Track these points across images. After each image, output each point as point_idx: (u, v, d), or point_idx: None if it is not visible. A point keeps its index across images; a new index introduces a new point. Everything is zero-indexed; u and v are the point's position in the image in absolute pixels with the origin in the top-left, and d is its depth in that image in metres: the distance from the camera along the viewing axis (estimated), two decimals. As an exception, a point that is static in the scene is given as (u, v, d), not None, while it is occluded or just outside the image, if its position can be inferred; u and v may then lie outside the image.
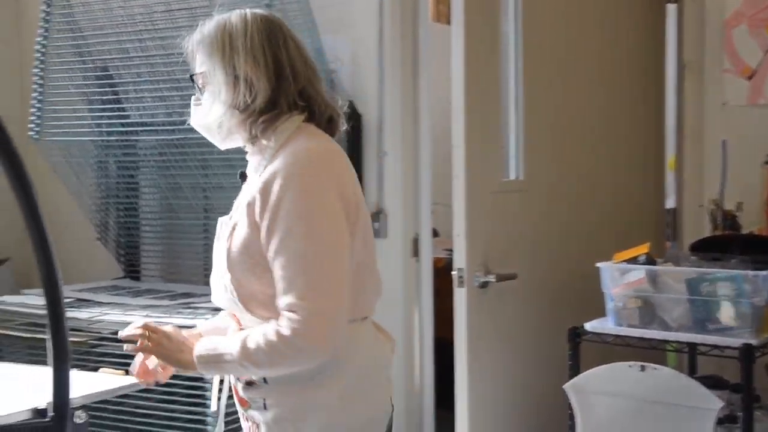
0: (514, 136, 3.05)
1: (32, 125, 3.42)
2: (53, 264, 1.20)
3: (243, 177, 1.79)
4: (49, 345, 1.21)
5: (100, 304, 3.17)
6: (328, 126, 1.75)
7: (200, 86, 1.72)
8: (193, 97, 1.76)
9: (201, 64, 1.71)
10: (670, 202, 3.71)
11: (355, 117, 3.51)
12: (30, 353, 3.17)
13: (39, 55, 3.40)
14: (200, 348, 1.66)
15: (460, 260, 2.72)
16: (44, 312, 2.90)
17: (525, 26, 3.02)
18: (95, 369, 2.25)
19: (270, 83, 1.67)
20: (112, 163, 3.51)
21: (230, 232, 1.70)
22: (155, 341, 1.71)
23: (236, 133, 1.72)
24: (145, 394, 2.75)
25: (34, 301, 3.20)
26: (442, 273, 4.13)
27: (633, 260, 2.70)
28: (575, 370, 2.74)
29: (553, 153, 3.23)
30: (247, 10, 1.72)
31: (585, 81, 3.41)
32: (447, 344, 3.58)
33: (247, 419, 1.75)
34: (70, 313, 2.92)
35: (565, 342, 2.79)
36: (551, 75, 3.20)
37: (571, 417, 2.69)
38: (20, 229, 2.19)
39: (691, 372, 3.20)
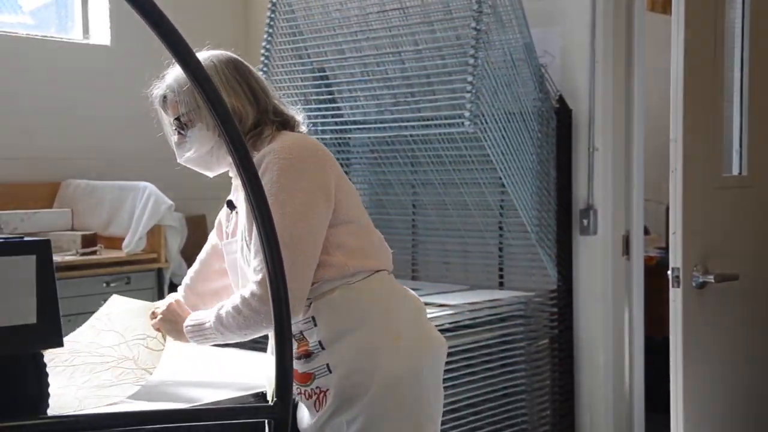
0: (737, 130, 2.88)
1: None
2: (278, 256, 1.28)
3: (230, 205, 1.98)
4: (273, 333, 1.29)
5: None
6: (295, 127, 1.96)
7: (185, 125, 1.90)
8: (174, 139, 1.94)
9: (183, 106, 1.89)
10: None
11: (564, 112, 3.45)
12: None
13: (263, 58, 3.60)
14: (187, 320, 1.89)
15: (676, 259, 2.61)
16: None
17: (753, 12, 2.84)
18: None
19: (252, 107, 1.90)
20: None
21: (247, 231, 1.84)
22: (162, 318, 1.94)
23: (227, 157, 1.89)
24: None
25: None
26: (653, 272, 3.99)
27: None
28: (804, 380, 2.56)
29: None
30: (208, 53, 1.94)
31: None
32: (657, 344, 3.46)
33: (309, 395, 1.84)
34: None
35: (793, 349, 2.60)
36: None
37: (799, 430, 2.51)
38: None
39: None
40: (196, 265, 2.13)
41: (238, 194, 1.98)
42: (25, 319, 1.20)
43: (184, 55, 1.10)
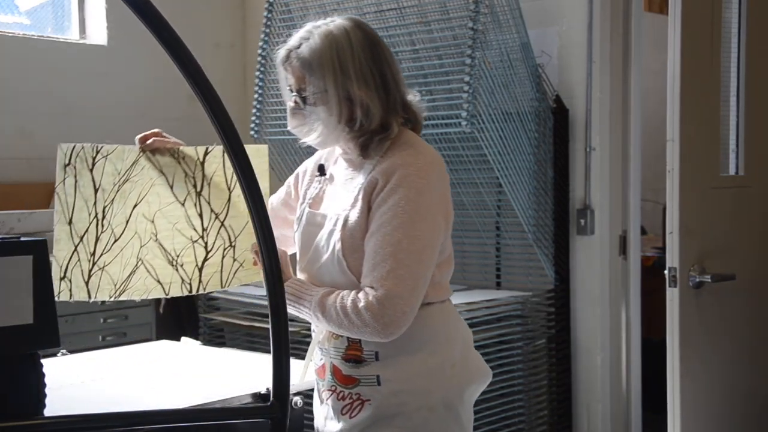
0: (734, 130, 2.88)
1: (253, 124, 3.63)
2: (275, 257, 1.28)
3: (321, 170, 1.92)
4: (270, 334, 1.29)
5: (312, 295, 3.31)
6: (416, 127, 1.88)
7: (305, 100, 1.79)
8: (290, 104, 1.83)
9: (312, 86, 1.78)
10: None
11: (561, 112, 3.45)
12: (248, 340, 3.37)
13: (260, 58, 3.60)
14: (290, 282, 1.81)
15: (673, 259, 2.61)
16: (262, 302, 3.04)
17: (750, 12, 2.84)
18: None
19: (382, 103, 1.78)
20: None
21: (343, 220, 1.79)
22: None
23: (340, 143, 1.84)
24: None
25: (253, 291, 3.39)
26: (651, 272, 3.99)
27: None
28: (801, 380, 2.56)
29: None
30: (344, 23, 1.80)
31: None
32: (653, 345, 3.46)
33: (343, 397, 1.81)
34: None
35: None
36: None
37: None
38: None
39: None
40: (268, 204, 2.04)
41: (335, 165, 1.91)
42: (22, 319, 1.20)
43: (181, 54, 1.10)
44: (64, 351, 2.23)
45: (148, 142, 1.84)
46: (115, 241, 1.79)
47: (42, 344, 1.25)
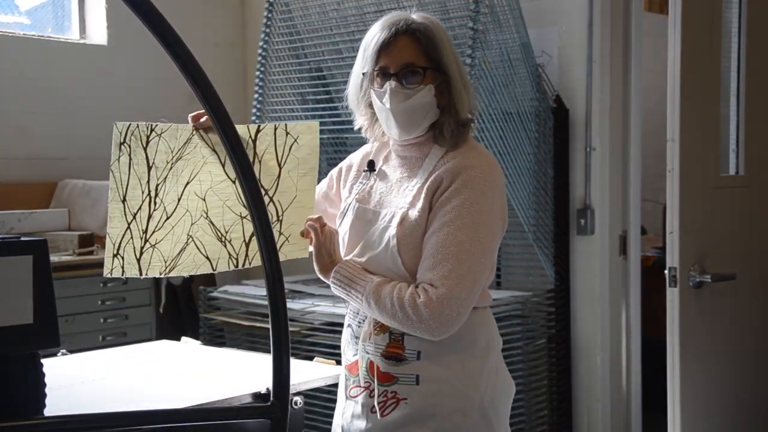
0: (734, 130, 2.88)
1: (253, 123, 3.63)
2: (275, 257, 1.28)
3: (370, 166, 1.91)
4: (270, 334, 1.28)
5: (311, 295, 3.31)
6: (472, 124, 1.88)
7: (413, 74, 1.78)
8: (392, 85, 1.78)
9: (432, 58, 1.78)
10: None
11: (561, 112, 3.45)
12: (248, 340, 3.37)
13: (261, 57, 3.60)
14: (343, 264, 1.80)
15: (673, 259, 2.61)
16: (262, 302, 3.05)
17: (750, 12, 2.84)
18: (306, 358, 2.35)
19: (469, 92, 1.84)
20: (323, 160, 3.67)
21: (400, 218, 1.78)
22: (321, 234, 1.84)
23: (428, 127, 1.81)
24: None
25: (253, 291, 3.39)
26: (651, 272, 3.99)
27: None
28: (801, 380, 2.55)
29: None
30: (440, 23, 1.84)
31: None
32: (653, 345, 3.46)
33: (378, 394, 1.80)
34: (285, 303, 3.06)
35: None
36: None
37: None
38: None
39: None
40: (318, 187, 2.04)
41: (386, 162, 1.90)
42: (22, 319, 1.20)
43: (181, 54, 1.10)
44: (64, 351, 2.23)
45: (201, 120, 1.82)
46: (167, 218, 1.79)
47: (42, 344, 1.25)
